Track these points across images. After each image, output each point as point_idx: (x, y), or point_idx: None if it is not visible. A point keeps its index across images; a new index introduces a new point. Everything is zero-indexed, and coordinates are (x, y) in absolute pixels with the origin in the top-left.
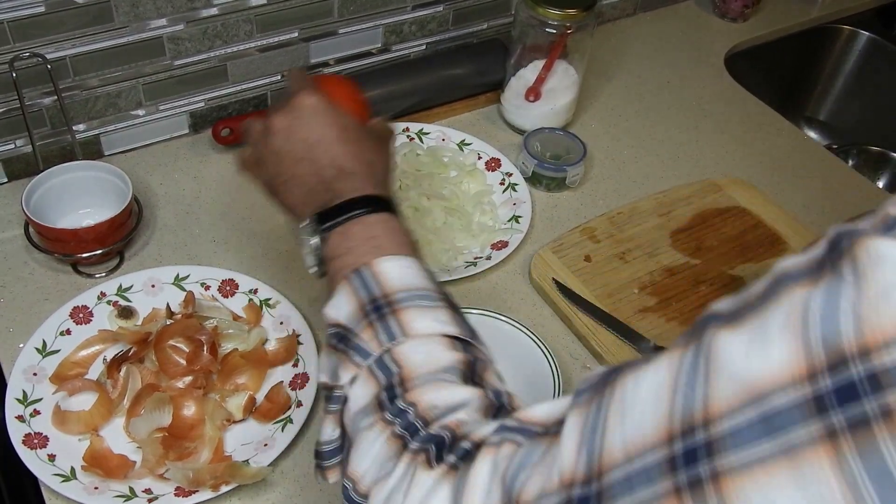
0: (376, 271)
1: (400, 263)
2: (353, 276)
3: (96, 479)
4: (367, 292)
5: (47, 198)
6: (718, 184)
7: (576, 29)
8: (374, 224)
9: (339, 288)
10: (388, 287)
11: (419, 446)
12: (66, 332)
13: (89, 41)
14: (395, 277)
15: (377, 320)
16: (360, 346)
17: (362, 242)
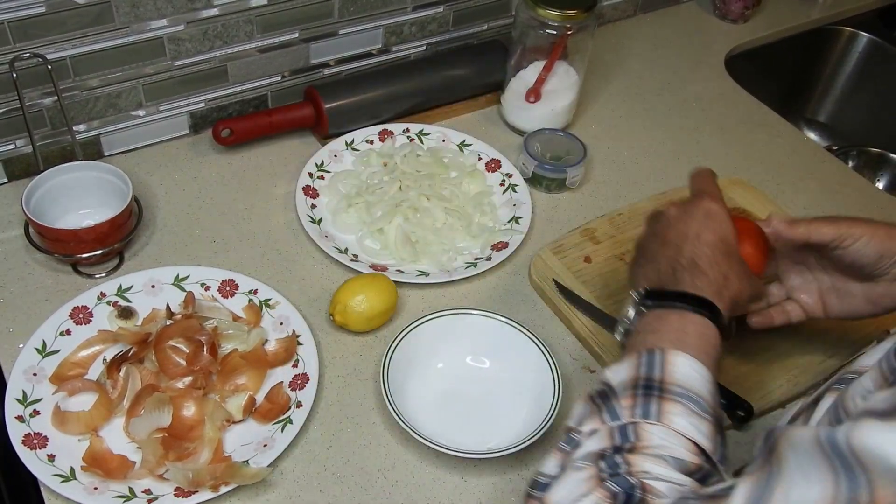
0: (668, 360)
1: (692, 365)
2: (645, 353)
3: (96, 480)
4: (647, 371)
5: (47, 198)
6: (718, 185)
7: (576, 30)
8: (692, 322)
9: (627, 358)
10: (670, 377)
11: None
12: (65, 332)
13: (90, 41)
14: (680, 373)
15: (642, 395)
16: (615, 408)
17: (672, 331)
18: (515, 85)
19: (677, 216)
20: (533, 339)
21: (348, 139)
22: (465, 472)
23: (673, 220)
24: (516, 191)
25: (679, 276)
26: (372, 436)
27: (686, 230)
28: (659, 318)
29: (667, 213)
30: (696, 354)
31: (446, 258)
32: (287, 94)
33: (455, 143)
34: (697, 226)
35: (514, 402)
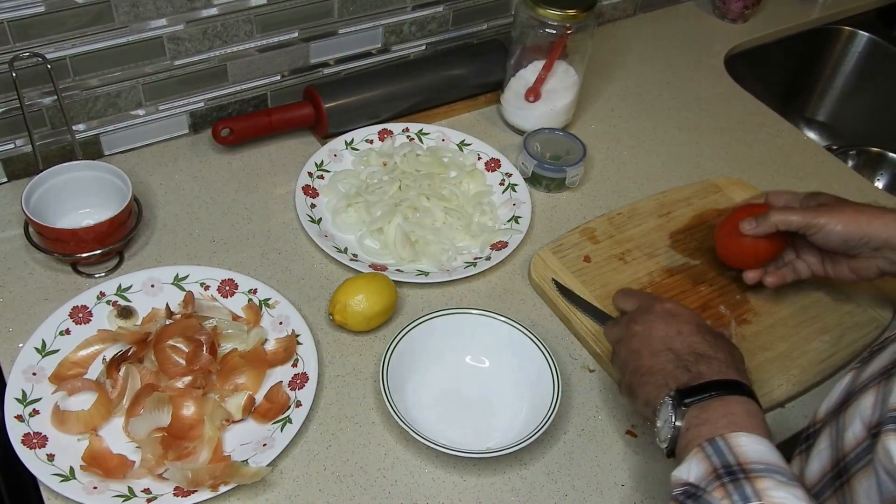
0: (732, 443)
1: (755, 440)
2: (706, 444)
3: (95, 479)
4: (720, 459)
5: (47, 197)
6: (718, 184)
7: (576, 29)
8: (734, 403)
9: (691, 454)
10: (744, 457)
11: None
12: (65, 331)
13: (89, 41)
14: (750, 451)
15: (730, 482)
16: (711, 502)
17: (720, 417)
18: (515, 84)
19: (645, 328)
20: (532, 339)
21: (348, 139)
22: (465, 471)
23: (644, 332)
24: (516, 190)
25: (695, 369)
26: (371, 435)
27: (665, 334)
28: (702, 409)
29: (631, 329)
30: (752, 430)
31: (446, 258)
32: (286, 94)
33: (455, 142)
34: (670, 326)
35: (514, 402)
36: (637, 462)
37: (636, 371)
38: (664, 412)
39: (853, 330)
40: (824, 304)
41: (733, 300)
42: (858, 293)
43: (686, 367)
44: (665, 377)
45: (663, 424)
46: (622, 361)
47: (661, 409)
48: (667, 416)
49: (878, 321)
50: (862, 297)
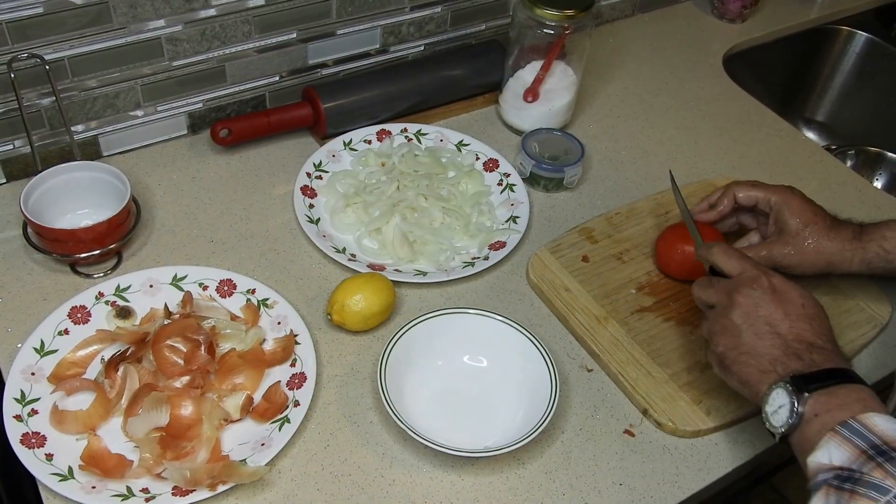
0: (868, 424)
1: (887, 419)
2: (840, 427)
3: (94, 479)
4: (863, 440)
5: (46, 198)
6: (716, 184)
7: (574, 30)
8: (860, 389)
9: (825, 440)
10: (887, 436)
11: None
12: (64, 331)
13: (87, 42)
14: (889, 430)
15: (886, 462)
16: (874, 482)
17: (854, 402)
18: (513, 85)
19: (749, 303)
20: (530, 338)
21: (346, 139)
22: (463, 470)
23: (748, 308)
24: (514, 190)
25: (808, 357)
26: (369, 435)
27: (771, 315)
28: (829, 398)
29: (733, 299)
30: (882, 411)
31: (444, 258)
32: (285, 95)
33: (453, 142)
34: (777, 307)
35: (512, 401)
36: (635, 461)
37: (734, 348)
38: (779, 398)
39: (851, 329)
40: (822, 302)
41: None
42: (857, 292)
43: (797, 356)
44: (772, 363)
45: (778, 410)
46: (716, 331)
47: (774, 394)
48: (783, 402)
49: (877, 320)
50: (860, 295)
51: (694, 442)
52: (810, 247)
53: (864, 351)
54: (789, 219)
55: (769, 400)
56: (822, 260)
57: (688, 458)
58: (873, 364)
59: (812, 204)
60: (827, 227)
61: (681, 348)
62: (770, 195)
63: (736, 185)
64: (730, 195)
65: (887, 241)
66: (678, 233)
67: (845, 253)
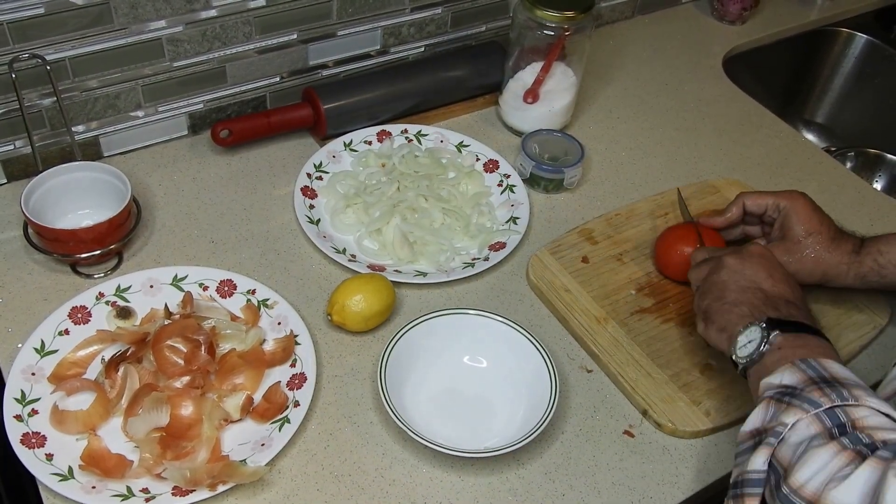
0: (824, 364)
1: (844, 368)
2: (798, 361)
3: (94, 479)
4: (814, 372)
5: (46, 198)
6: (716, 185)
7: (574, 31)
8: (826, 346)
9: (783, 368)
10: (836, 374)
11: (883, 454)
12: (64, 332)
13: (89, 43)
14: (842, 372)
15: (826, 387)
16: (810, 398)
17: (814, 348)
18: (513, 86)
19: (737, 262)
20: (530, 339)
21: (347, 140)
22: (462, 471)
23: (736, 267)
24: (514, 191)
25: (785, 310)
26: (369, 435)
27: (755, 274)
28: (796, 339)
29: (723, 260)
30: (828, 355)
31: (444, 258)
32: (286, 95)
33: (453, 143)
34: (761, 268)
35: (511, 402)
36: (634, 462)
37: (719, 299)
38: (751, 334)
39: (850, 330)
40: (821, 304)
41: None
42: (856, 293)
43: (775, 307)
44: (751, 309)
45: (747, 344)
46: (704, 289)
47: (747, 331)
48: (754, 337)
49: (875, 322)
50: (858, 298)
51: (693, 443)
52: (809, 256)
53: (864, 352)
54: (795, 225)
55: (742, 336)
56: (819, 271)
57: (687, 458)
58: (872, 365)
59: (819, 212)
60: (830, 238)
61: (680, 349)
62: (779, 200)
63: (745, 195)
64: (738, 204)
65: (882, 256)
66: (677, 234)
67: (842, 266)
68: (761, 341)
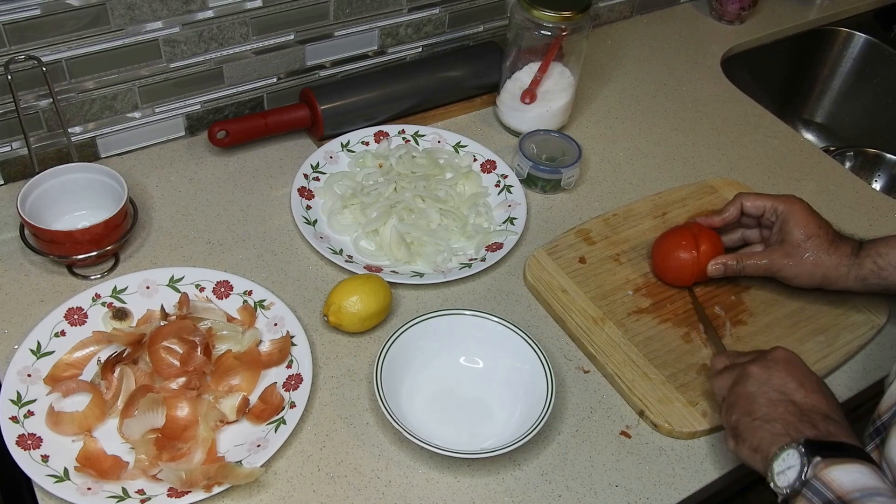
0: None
1: (847, 469)
2: (807, 491)
3: (89, 480)
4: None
5: (43, 200)
6: (714, 185)
7: (571, 31)
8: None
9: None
10: (840, 490)
11: None
12: (60, 333)
13: (85, 44)
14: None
15: None
16: None
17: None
18: (511, 86)
19: (763, 372)
20: (527, 340)
21: (344, 140)
22: (459, 472)
23: (762, 377)
24: (511, 192)
25: (822, 428)
26: (365, 436)
27: (784, 384)
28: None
29: (747, 370)
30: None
31: (441, 259)
32: (283, 96)
33: (450, 144)
34: (791, 377)
35: (508, 403)
36: (631, 463)
37: (749, 414)
38: (789, 459)
39: (848, 331)
40: (819, 305)
41: (728, 301)
42: (854, 294)
43: (812, 424)
44: (785, 427)
45: (786, 471)
46: (731, 402)
47: (784, 455)
48: (793, 464)
49: (873, 322)
50: (857, 298)
51: (690, 443)
52: (809, 259)
53: (861, 353)
54: (793, 229)
55: (779, 460)
56: (819, 273)
57: (684, 459)
58: (870, 366)
59: (817, 216)
60: (828, 241)
61: (677, 350)
62: (777, 204)
63: (743, 196)
64: (736, 204)
65: (882, 258)
66: (673, 241)
67: (841, 268)
68: (801, 470)
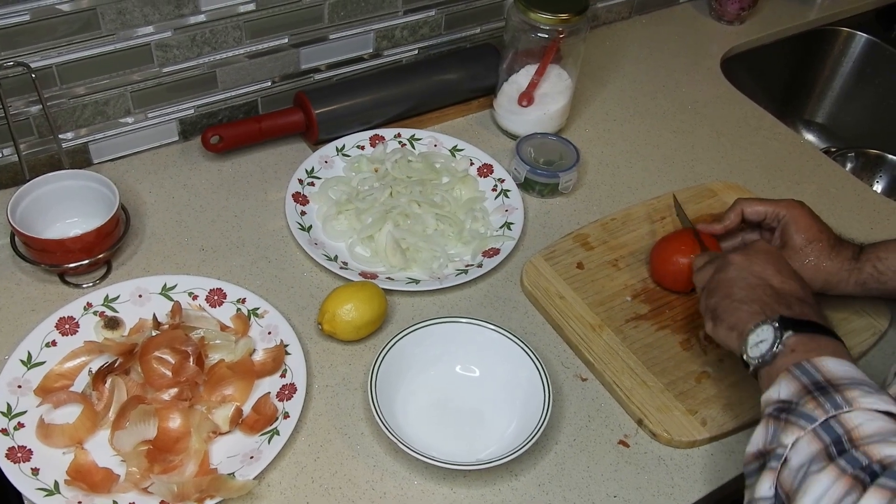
0: (818, 365)
1: (840, 362)
2: (793, 367)
3: (80, 494)
4: (808, 378)
5: (34, 207)
6: (713, 188)
7: (568, 33)
8: (838, 346)
9: (780, 377)
10: (830, 374)
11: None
12: (51, 343)
13: (76, 49)
14: (837, 370)
15: (821, 395)
16: (805, 412)
17: (826, 350)
18: (508, 89)
19: (744, 260)
20: (523, 348)
21: (339, 145)
22: (455, 483)
23: (743, 264)
24: (508, 196)
25: (798, 309)
26: (360, 447)
27: (763, 270)
28: (809, 341)
29: (729, 258)
30: (838, 356)
31: (437, 265)
32: (277, 100)
33: (447, 147)
34: (769, 264)
35: (505, 412)
36: (629, 472)
37: (727, 297)
38: (763, 333)
39: (850, 336)
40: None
41: None
42: (856, 299)
43: (787, 304)
44: (762, 307)
45: (759, 343)
46: (711, 287)
47: (759, 330)
48: (766, 337)
49: (875, 328)
50: (858, 303)
51: (689, 453)
52: (810, 264)
53: (863, 359)
54: (794, 234)
55: (753, 334)
56: (820, 278)
57: (683, 469)
58: (872, 372)
59: (818, 221)
60: (830, 246)
61: (676, 357)
62: (778, 209)
63: (743, 202)
64: (737, 210)
65: (881, 262)
66: (672, 245)
67: (842, 273)
68: (774, 341)
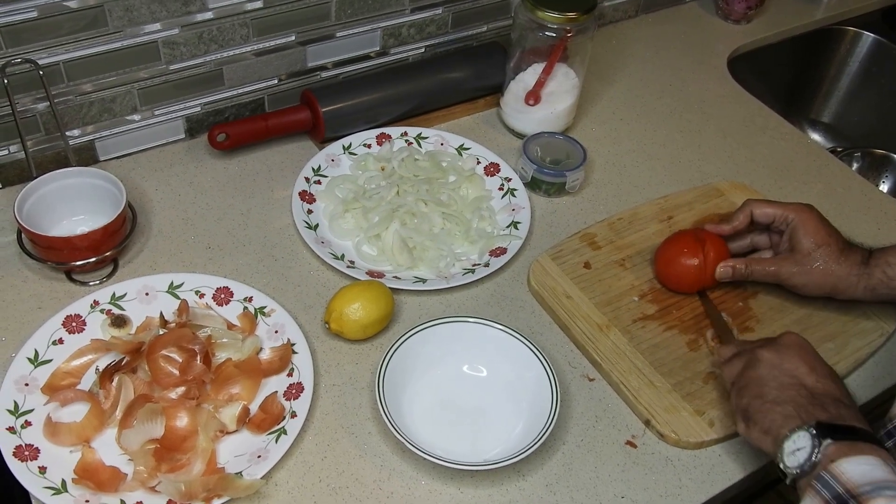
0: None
1: (857, 461)
2: (816, 482)
3: (87, 492)
4: (829, 492)
5: (41, 205)
6: (720, 188)
7: (576, 32)
8: (880, 450)
9: (806, 494)
10: (850, 484)
11: None
12: (58, 341)
13: (83, 46)
14: (855, 475)
15: None
16: None
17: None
18: (515, 87)
19: (775, 357)
20: (530, 347)
21: (346, 143)
22: (462, 483)
23: (774, 361)
24: (515, 195)
25: (833, 411)
26: (367, 446)
27: (796, 368)
28: (847, 448)
29: (758, 354)
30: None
31: (444, 264)
32: (284, 98)
33: (453, 146)
34: (803, 361)
35: (512, 412)
36: (637, 473)
37: (759, 396)
38: (800, 441)
39: (857, 338)
40: (827, 311)
41: (735, 307)
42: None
43: (823, 407)
44: (797, 409)
45: (796, 452)
46: (741, 386)
47: (794, 436)
48: (803, 445)
49: (883, 329)
50: (865, 304)
51: (697, 453)
52: (818, 269)
53: (870, 360)
54: (803, 238)
55: (789, 441)
56: (829, 283)
57: (691, 469)
58: (879, 373)
59: (827, 225)
60: (838, 250)
61: (684, 357)
62: (788, 212)
63: (752, 203)
64: (746, 211)
65: (891, 268)
66: (676, 247)
67: (851, 278)
68: (812, 450)
